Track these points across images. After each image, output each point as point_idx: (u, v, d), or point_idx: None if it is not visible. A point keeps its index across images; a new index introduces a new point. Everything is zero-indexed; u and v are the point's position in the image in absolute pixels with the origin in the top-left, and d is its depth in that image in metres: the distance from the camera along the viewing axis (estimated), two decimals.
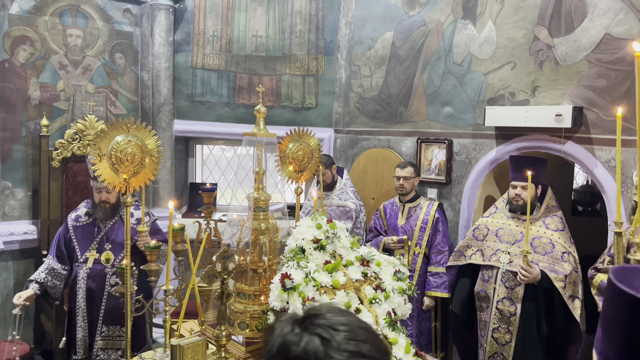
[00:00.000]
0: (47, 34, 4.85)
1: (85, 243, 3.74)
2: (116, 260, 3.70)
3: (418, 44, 4.92)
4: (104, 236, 3.75)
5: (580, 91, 3.78)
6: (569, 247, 3.59)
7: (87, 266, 3.69)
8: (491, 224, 3.89)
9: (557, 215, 3.73)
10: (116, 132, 2.57)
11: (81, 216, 3.83)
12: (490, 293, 3.71)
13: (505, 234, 3.76)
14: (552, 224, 3.67)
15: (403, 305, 2.31)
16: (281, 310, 2.03)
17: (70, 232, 3.77)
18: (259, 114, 2.82)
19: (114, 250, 3.72)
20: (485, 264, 3.77)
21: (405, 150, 5.07)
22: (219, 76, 5.71)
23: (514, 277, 3.57)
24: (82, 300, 3.69)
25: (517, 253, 3.59)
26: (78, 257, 3.73)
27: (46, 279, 3.73)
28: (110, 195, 3.71)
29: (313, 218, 2.43)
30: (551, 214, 3.74)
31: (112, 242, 3.73)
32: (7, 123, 4.67)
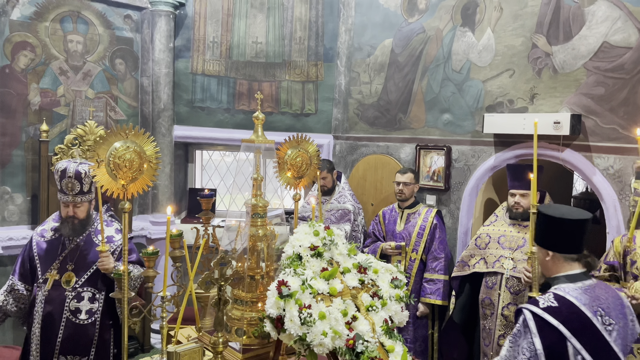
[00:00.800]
0: (48, 40, 4.87)
1: (47, 261, 3.25)
2: (78, 282, 3.20)
3: (417, 51, 4.94)
4: (68, 255, 3.24)
5: (579, 99, 3.79)
6: None
7: (46, 288, 3.18)
8: (492, 231, 3.88)
9: None
10: (115, 139, 2.58)
11: (47, 231, 3.35)
12: (495, 299, 3.70)
13: (507, 240, 3.75)
14: None
15: (400, 312, 2.31)
16: (277, 317, 2.03)
17: (34, 249, 3.31)
18: (258, 121, 2.82)
19: (77, 271, 3.22)
20: (488, 271, 3.75)
21: (404, 157, 5.08)
22: (219, 82, 5.73)
23: (519, 282, 3.56)
24: (38, 326, 3.18)
25: (520, 258, 3.58)
26: (38, 276, 3.24)
27: (5, 301, 3.28)
28: (78, 210, 3.21)
29: (310, 225, 2.43)
30: None
31: (76, 262, 3.23)
32: (7, 128, 4.68)
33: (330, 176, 4.90)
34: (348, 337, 2.03)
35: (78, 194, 3.16)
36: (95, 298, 3.24)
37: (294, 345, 2.04)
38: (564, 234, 2.34)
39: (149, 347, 5.07)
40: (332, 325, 2.02)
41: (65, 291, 3.19)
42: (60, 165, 3.18)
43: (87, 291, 3.22)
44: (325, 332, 1.98)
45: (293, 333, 1.98)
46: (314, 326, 1.98)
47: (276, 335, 2.09)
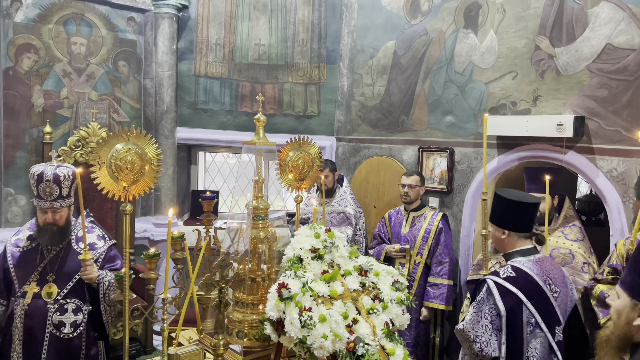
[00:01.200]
0: (52, 42, 4.88)
1: (25, 273, 3.03)
2: (60, 294, 3.01)
3: (420, 53, 4.93)
4: (48, 266, 3.02)
5: (582, 101, 3.78)
6: (588, 257, 3.52)
7: (25, 301, 2.96)
8: None
9: (576, 225, 3.66)
10: (116, 140, 2.58)
11: (22, 240, 3.11)
12: None
13: None
14: (571, 234, 3.61)
15: (401, 315, 2.30)
16: (278, 320, 2.03)
17: (9, 260, 3.06)
18: (259, 123, 2.82)
19: (58, 282, 3.02)
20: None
21: (407, 159, 5.07)
22: (222, 84, 5.74)
23: None
24: (19, 342, 2.98)
25: None
26: (16, 289, 3.02)
27: None
28: (57, 216, 3.00)
29: (311, 227, 2.42)
30: (570, 223, 3.67)
31: (57, 272, 3.03)
32: (10, 130, 4.69)
33: (331, 175, 4.90)
34: (349, 340, 2.02)
35: (57, 198, 2.96)
36: (80, 309, 3.06)
37: (294, 348, 2.04)
38: (520, 216, 2.67)
39: (151, 348, 5.07)
40: (332, 328, 2.02)
41: (47, 304, 2.98)
42: (36, 169, 2.97)
43: (70, 303, 3.04)
44: (325, 335, 1.98)
45: (293, 336, 1.98)
46: (315, 329, 1.98)
47: (276, 338, 2.09)
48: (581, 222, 3.74)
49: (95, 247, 3.14)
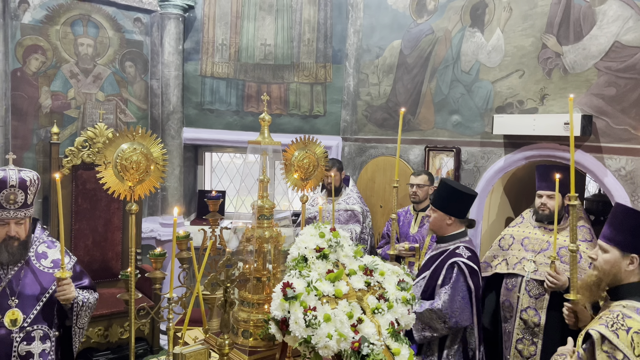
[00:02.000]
0: (59, 43, 4.91)
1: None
2: (26, 321, 2.58)
3: (426, 52, 4.92)
4: (7, 288, 2.57)
5: (590, 99, 3.75)
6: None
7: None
8: (517, 233, 3.81)
9: (585, 226, 3.63)
10: (122, 140, 2.59)
11: None
12: (514, 302, 3.62)
13: (531, 242, 3.68)
14: (580, 235, 3.58)
15: (407, 315, 2.28)
16: (282, 319, 2.02)
17: None
18: (264, 122, 2.82)
19: (23, 306, 2.58)
20: (509, 273, 3.69)
21: (413, 158, 5.05)
22: (228, 84, 5.75)
23: (539, 286, 3.48)
24: None
25: (543, 262, 3.51)
26: None
27: None
28: (20, 229, 2.57)
29: (316, 227, 2.42)
30: (579, 224, 3.64)
31: (20, 295, 2.59)
32: (18, 131, 4.73)
33: (338, 174, 4.91)
34: (353, 340, 2.01)
35: (22, 207, 2.55)
36: (48, 336, 2.67)
37: (299, 347, 2.03)
38: (465, 204, 3.23)
39: (158, 348, 5.08)
40: (337, 328, 2.01)
41: (12, 333, 2.55)
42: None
43: (38, 329, 2.63)
44: (330, 335, 1.97)
45: (298, 335, 1.97)
46: (319, 328, 1.97)
47: (281, 338, 2.08)
48: (590, 223, 3.71)
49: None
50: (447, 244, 3.29)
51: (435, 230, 3.34)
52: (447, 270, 3.15)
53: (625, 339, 2.01)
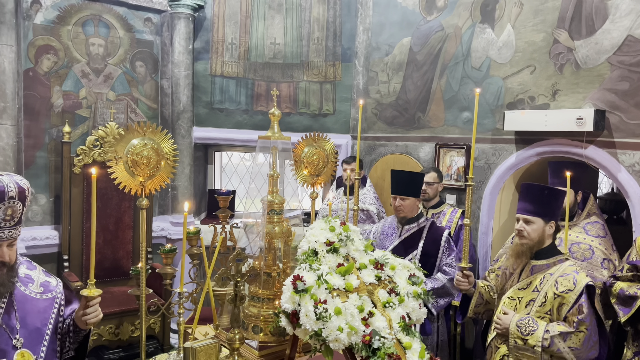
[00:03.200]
0: (70, 43, 4.96)
1: None
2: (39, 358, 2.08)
3: (436, 49, 4.89)
4: (4, 327, 2.01)
5: (602, 94, 3.70)
6: (610, 254, 3.45)
7: None
8: None
9: (598, 222, 3.59)
10: (132, 136, 2.60)
11: None
12: None
13: None
14: (593, 230, 3.54)
15: (418, 309, 2.27)
16: (293, 312, 2.01)
17: None
18: (274, 117, 2.82)
19: (30, 344, 2.07)
20: None
21: (424, 156, 5.03)
22: (238, 84, 5.76)
23: None
24: None
25: None
26: None
27: None
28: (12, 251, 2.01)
29: (326, 221, 2.41)
30: (592, 220, 3.60)
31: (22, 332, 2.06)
32: (31, 130, 4.77)
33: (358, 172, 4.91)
34: (364, 333, 2.00)
35: (17, 223, 2.00)
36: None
37: (309, 340, 2.02)
38: (419, 185, 3.74)
39: (169, 346, 5.10)
40: (348, 321, 1.99)
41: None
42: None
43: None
44: (341, 328, 1.96)
45: (308, 328, 1.96)
46: (330, 321, 1.96)
47: (292, 331, 2.07)
48: (604, 220, 3.66)
49: (51, 287, 2.26)
50: (418, 223, 3.76)
51: (408, 214, 3.75)
52: (446, 241, 3.68)
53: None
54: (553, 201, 2.77)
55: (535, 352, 2.61)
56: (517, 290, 2.84)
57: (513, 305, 2.83)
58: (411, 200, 3.71)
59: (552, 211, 2.78)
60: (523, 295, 2.80)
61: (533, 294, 2.76)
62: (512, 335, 2.70)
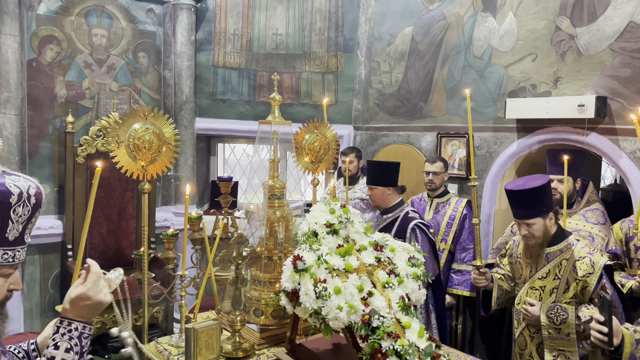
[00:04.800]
0: (73, 34, 4.98)
1: None
2: None
3: (438, 38, 4.89)
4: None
5: (604, 81, 3.70)
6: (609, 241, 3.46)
7: None
8: None
9: (598, 209, 3.58)
10: (134, 120, 2.62)
11: None
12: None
13: None
14: (592, 217, 3.54)
15: (417, 290, 2.28)
16: (293, 291, 2.03)
17: None
18: (274, 102, 2.83)
19: None
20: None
21: (425, 146, 5.03)
22: (240, 74, 5.77)
23: None
24: None
25: None
26: None
27: None
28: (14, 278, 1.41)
29: (327, 203, 2.42)
30: (592, 207, 3.60)
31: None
32: (34, 120, 4.80)
33: (356, 162, 4.92)
34: (364, 312, 2.02)
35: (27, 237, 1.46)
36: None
37: (309, 319, 2.04)
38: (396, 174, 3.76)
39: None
40: (347, 300, 2.01)
41: None
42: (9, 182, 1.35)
43: None
44: (340, 307, 1.97)
45: (308, 306, 1.98)
46: (329, 300, 1.98)
47: (291, 309, 2.09)
48: (604, 207, 3.66)
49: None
50: (394, 213, 3.79)
51: (380, 204, 3.82)
52: (411, 233, 3.69)
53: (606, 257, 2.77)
54: (540, 197, 2.76)
55: (571, 340, 2.65)
56: (537, 279, 2.85)
57: (537, 295, 2.84)
58: (379, 190, 3.76)
59: (544, 206, 2.77)
60: (545, 285, 2.81)
61: (555, 282, 2.78)
62: (544, 326, 2.73)
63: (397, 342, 1.94)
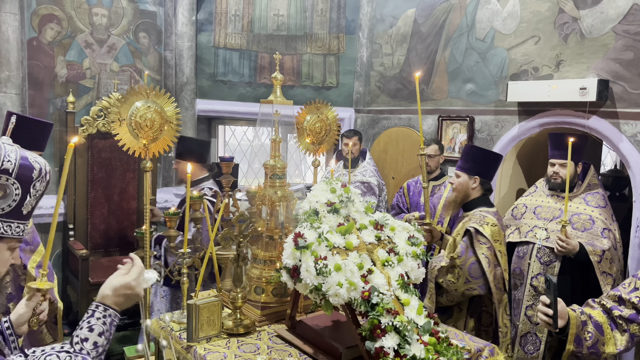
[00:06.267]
0: (74, 13, 4.94)
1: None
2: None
3: (440, 20, 4.86)
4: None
5: (607, 64, 3.69)
6: (609, 224, 3.47)
7: None
8: (529, 202, 3.80)
9: (598, 193, 3.61)
10: (136, 98, 2.62)
11: None
12: (524, 269, 3.63)
13: (544, 211, 3.67)
14: (593, 201, 3.56)
15: (416, 269, 2.30)
16: (294, 267, 2.06)
17: None
18: (276, 81, 2.83)
19: None
20: (520, 241, 3.70)
21: (426, 129, 5.03)
22: (241, 56, 5.75)
23: (550, 253, 3.48)
24: None
25: (555, 229, 3.49)
26: None
27: None
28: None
29: (328, 182, 2.44)
30: (592, 191, 3.61)
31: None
32: (35, 100, 4.79)
33: (358, 144, 4.92)
34: (363, 289, 2.04)
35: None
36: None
37: (309, 295, 2.06)
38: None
39: None
40: (347, 277, 2.04)
41: None
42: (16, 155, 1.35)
43: None
44: (340, 283, 2.00)
45: (309, 282, 2.00)
46: (330, 277, 2.00)
47: (292, 285, 2.12)
48: (604, 190, 3.68)
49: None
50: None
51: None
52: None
53: (487, 229, 3.14)
54: (479, 160, 3.28)
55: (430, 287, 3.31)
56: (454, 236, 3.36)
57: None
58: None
59: (478, 168, 3.28)
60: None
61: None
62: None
63: (396, 319, 1.97)
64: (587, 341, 2.05)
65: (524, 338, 3.64)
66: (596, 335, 2.06)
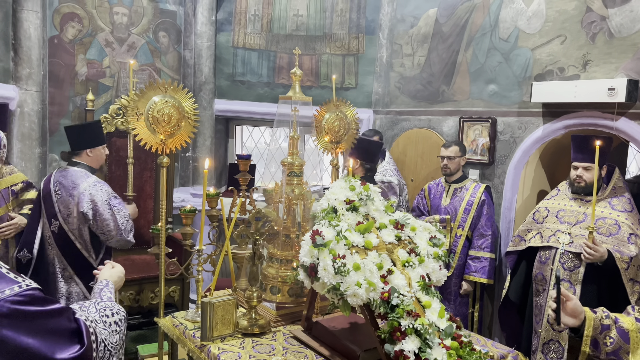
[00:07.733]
0: (95, 12, 4.97)
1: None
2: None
3: (462, 20, 4.77)
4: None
5: (636, 64, 3.56)
6: (636, 229, 3.32)
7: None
8: (552, 205, 3.67)
9: (624, 196, 3.47)
10: (153, 93, 2.59)
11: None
12: (547, 275, 3.50)
13: (567, 214, 3.54)
14: (619, 205, 3.42)
15: (438, 271, 2.23)
16: (311, 266, 1.99)
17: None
18: (295, 77, 2.79)
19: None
20: (543, 245, 3.58)
21: (447, 130, 4.94)
22: (260, 56, 5.72)
23: (574, 258, 3.35)
24: None
25: (578, 234, 3.37)
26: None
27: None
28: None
29: (347, 180, 2.38)
30: (618, 194, 3.47)
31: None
32: (55, 98, 4.82)
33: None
34: (383, 290, 1.97)
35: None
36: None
37: (327, 295, 2.00)
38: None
39: None
40: (366, 277, 1.97)
41: None
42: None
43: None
44: (359, 283, 1.93)
45: (327, 282, 1.94)
46: (348, 276, 1.94)
47: (309, 284, 2.06)
48: (630, 194, 3.54)
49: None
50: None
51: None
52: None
53: None
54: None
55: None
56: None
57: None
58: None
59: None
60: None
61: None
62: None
63: (417, 321, 1.90)
64: (607, 346, 1.95)
65: (546, 346, 3.52)
66: (619, 341, 1.95)
